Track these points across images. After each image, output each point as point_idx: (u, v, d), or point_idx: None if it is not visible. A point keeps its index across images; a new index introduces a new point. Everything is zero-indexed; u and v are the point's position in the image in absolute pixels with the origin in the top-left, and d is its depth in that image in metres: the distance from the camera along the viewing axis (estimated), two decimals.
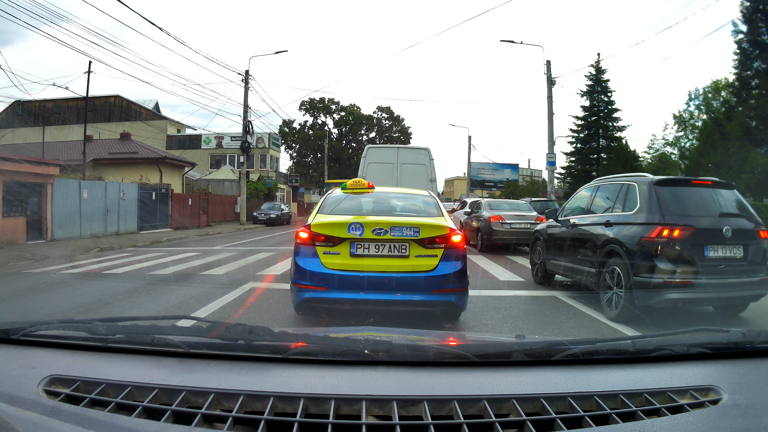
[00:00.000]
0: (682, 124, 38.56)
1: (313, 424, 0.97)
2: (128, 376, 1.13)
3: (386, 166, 11.99)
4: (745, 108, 20.46)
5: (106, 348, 1.30)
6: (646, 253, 5.36)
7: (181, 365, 1.23)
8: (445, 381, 1.17)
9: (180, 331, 1.42)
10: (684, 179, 6.64)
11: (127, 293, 7.17)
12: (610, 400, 1.07)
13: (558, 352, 1.27)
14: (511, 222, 12.95)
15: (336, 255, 4.72)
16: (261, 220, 28.67)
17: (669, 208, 5.44)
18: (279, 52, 27.36)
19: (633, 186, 6.03)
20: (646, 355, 1.31)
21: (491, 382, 1.16)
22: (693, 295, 5.24)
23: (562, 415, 1.01)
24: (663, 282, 5.16)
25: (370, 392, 1.07)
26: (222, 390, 1.07)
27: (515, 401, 1.04)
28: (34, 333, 1.35)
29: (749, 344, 1.37)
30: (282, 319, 5.45)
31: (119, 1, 13.36)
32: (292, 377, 1.17)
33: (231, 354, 1.26)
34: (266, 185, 38.17)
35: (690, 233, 5.24)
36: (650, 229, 5.39)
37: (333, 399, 1.03)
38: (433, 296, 4.72)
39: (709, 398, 1.08)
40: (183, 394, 1.05)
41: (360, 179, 6.07)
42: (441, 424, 0.97)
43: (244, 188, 29.25)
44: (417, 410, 1.03)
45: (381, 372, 1.20)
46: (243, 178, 29.35)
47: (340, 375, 1.18)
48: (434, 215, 5.34)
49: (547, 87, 22.48)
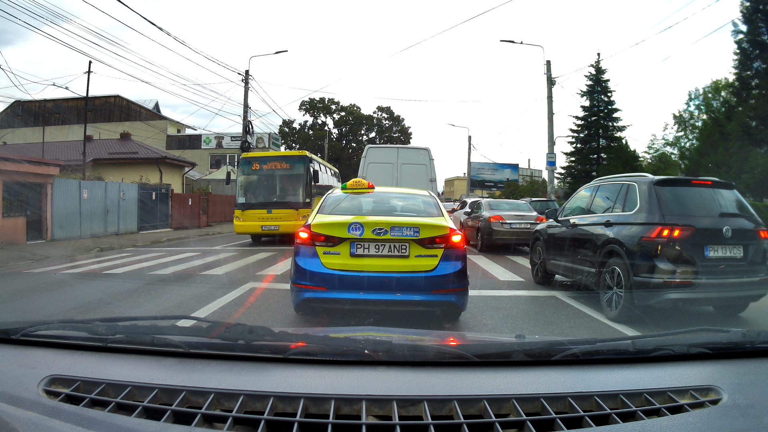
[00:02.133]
0: (682, 124, 38.55)
1: (313, 424, 0.97)
2: (128, 376, 1.13)
3: (386, 166, 12.25)
4: (745, 108, 20.46)
5: (106, 348, 1.30)
6: (646, 253, 5.34)
7: (181, 365, 1.23)
8: (445, 381, 1.17)
9: (180, 331, 1.43)
10: (684, 179, 6.63)
11: (127, 293, 7.16)
12: (610, 400, 1.07)
13: (558, 352, 1.27)
14: (511, 222, 12.93)
15: (336, 255, 4.72)
16: None
17: (669, 208, 5.43)
18: (279, 52, 27.33)
19: (633, 186, 6.02)
20: (646, 355, 1.31)
21: (491, 382, 1.16)
22: (693, 295, 5.23)
23: (562, 415, 1.01)
24: (663, 282, 5.15)
25: (370, 392, 1.07)
26: (222, 390, 1.07)
27: (515, 401, 1.04)
28: (34, 333, 1.35)
29: (749, 344, 1.37)
30: (282, 319, 5.45)
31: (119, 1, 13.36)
32: (292, 377, 1.17)
33: (231, 354, 1.26)
34: None
35: (690, 233, 5.23)
36: (650, 229, 5.37)
37: (333, 399, 1.03)
38: (433, 296, 4.71)
39: (709, 398, 1.08)
40: (183, 394, 1.05)
41: (360, 179, 6.09)
42: (441, 424, 0.97)
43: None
44: (417, 410, 1.03)
45: (381, 372, 1.20)
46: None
47: (340, 375, 1.18)
48: (434, 215, 5.34)
49: (547, 87, 22.48)
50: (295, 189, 15.15)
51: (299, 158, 15.55)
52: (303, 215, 12.52)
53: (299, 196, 14.94)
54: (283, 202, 14.76)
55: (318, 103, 64.10)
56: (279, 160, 15.88)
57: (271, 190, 15.29)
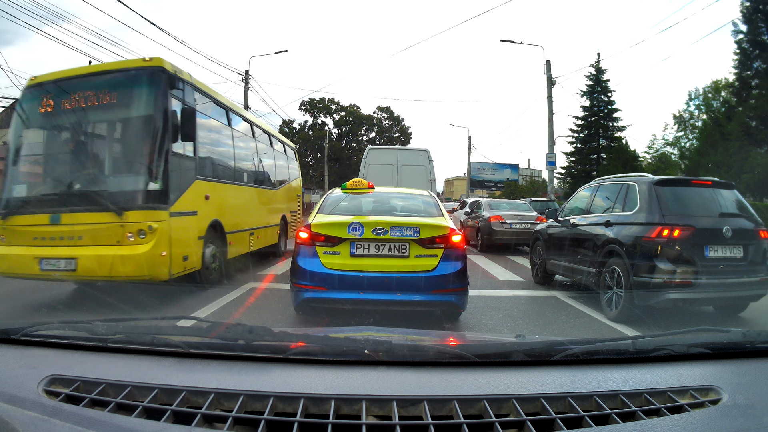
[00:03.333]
0: (682, 124, 38.57)
1: (313, 424, 0.97)
2: (128, 376, 1.13)
3: (386, 167, 12.10)
4: (745, 108, 20.47)
5: (106, 348, 1.30)
6: (646, 253, 5.35)
7: (181, 365, 1.23)
8: (445, 381, 1.17)
9: (180, 331, 1.43)
10: (684, 179, 6.62)
11: (125, 292, 7.08)
12: (610, 400, 1.07)
13: (558, 352, 1.27)
14: (511, 222, 12.93)
15: (336, 255, 4.73)
16: None
17: (669, 208, 5.43)
18: (279, 52, 27.23)
19: (633, 186, 6.02)
20: (646, 355, 1.31)
21: (491, 382, 1.16)
22: (693, 295, 5.24)
23: (562, 415, 1.01)
24: (663, 282, 5.15)
25: (370, 392, 1.07)
26: (222, 390, 1.07)
27: (515, 401, 1.04)
28: (34, 333, 1.35)
29: (749, 344, 1.37)
30: (282, 319, 5.44)
31: (119, 1, 13.35)
32: (292, 377, 1.17)
33: (231, 354, 1.26)
34: None
35: (690, 233, 5.23)
36: (650, 229, 5.38)
37: (333, 399, 1.03)
38: (433, 296, 4.72)
39: (709, 398, 1.08)
40: (183, 394, 1.05)
41: (360, 179, 6.05)
42: (441, 424, 0.97)
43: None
44: (417, 410, 1.03)
45: (381, 372, 1.20)
46: None
47: (340, 375, 1.18)
48: (434, 215, 5.36)
49: (547, 87, 22.39)
50: (120, 159, 6.49)
51: (139, 76, 6.06)
52: (142, 227, 5.67)
53: (131, 179, 6.01)
54: (87, 197, 5.84)
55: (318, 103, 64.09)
56: (95, 80, 6.14)
57: (71, 164, 6.33)
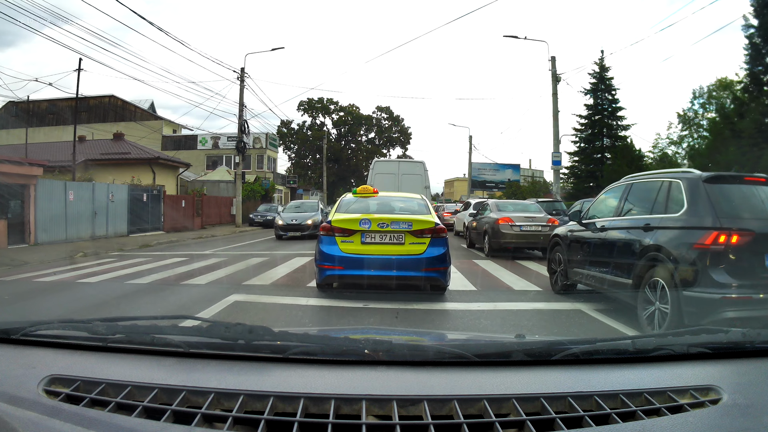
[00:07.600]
0: (686, 123, 38.21)
1: (313, 424, 0.97)
2: (128, 376, 1.13)
3: (389, 176, 14.80)
4: (757, 104, 19.68)
5: (106, 348, 1.30)
6: (698, 263, 4.54)
7: (181, 365, 1.23)
8: (445, 381, 1.17)
9: (180, 331, 1.43)
10: (736, 175, 5.53)
11: (87, 308, 6.42)
12: (610, 400, 1.07)
13: (558, 352, 1.27)
14: (522, 224, 12.20)
15: (351, 243, 6.32)
16: (257, 222, 27.48)
17: (723, 209, 4.65)
18: (275, 49, 26.59)
19: (677, 183, 5.21)
20: (646, 354, 1.31)
21: (491, 382, 1.16)
22: (755, 313, 4.37)
23: (562, 414, 1.01)
24: (721, 298, 4.34)
25: (370, 392, 1.07)
26: (222, 390, 1.07)
27: (515, 401, 1.04)
28: (34, 333, 1.35)
29: (749, 344, 1.37)
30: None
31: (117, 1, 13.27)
32: (292, 377, 1.17)
33: (231, 354, 1.26)
34: (263, 186, 37.73)
35: (750, 239, 4.46)
36: (703, 235, 4.58)
37: (333, 399, 1.03)
38: (423, 273, 6.30)
39: (709, 398, 1.08)
40: (183, 394, 1.05)
41: (368, 186, 8.15)
42: (441, 424, 0.97)
43: (240, 189, 28.47)
44: (417, 410, 1.03)
45: (381, 372, 1.20)
46: (238, 178, 28.68)
47: (340, 375, 1.18)
48: (424, 213, 6.90)
49: (552, 84, 21.68)
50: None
51: None
52: None
53: None
54: None
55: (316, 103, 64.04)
56: None
57: None
